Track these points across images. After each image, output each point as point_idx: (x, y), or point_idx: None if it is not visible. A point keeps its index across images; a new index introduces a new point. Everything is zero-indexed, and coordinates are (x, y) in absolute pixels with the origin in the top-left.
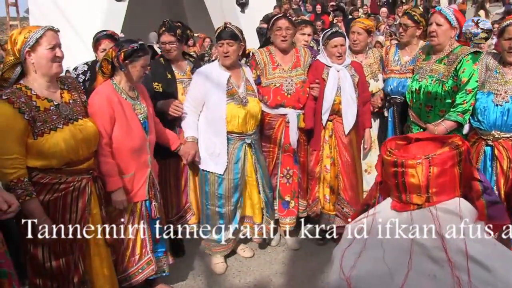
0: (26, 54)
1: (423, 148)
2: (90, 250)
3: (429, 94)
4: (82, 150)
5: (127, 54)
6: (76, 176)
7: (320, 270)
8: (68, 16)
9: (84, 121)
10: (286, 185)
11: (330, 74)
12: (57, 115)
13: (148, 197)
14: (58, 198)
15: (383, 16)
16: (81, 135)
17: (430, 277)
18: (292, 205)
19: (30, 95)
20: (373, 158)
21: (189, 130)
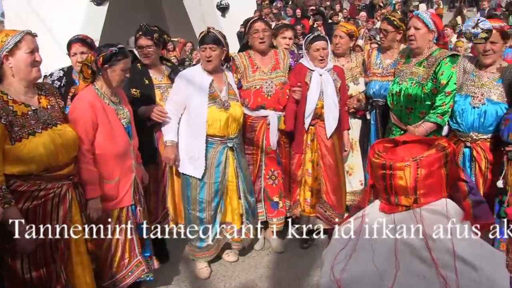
0: (4, 58)
1: (410, 151)
2: (72, 259)
3: (409, 97)
4: (61, 155)
5: (106, 58)
6: (56, 183)
7: (305, 273)
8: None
9: (63, 126)
10: (273, 186)
11: (313, 78)
12: (35, 120)
13: (133, 202)
14: (37, 205)
15: (362, 20)
16: (60, 140)
17: (419, 277)
18: (280, 205)
19: (6, 100)
20: (354, 160)
21: (169, 134)
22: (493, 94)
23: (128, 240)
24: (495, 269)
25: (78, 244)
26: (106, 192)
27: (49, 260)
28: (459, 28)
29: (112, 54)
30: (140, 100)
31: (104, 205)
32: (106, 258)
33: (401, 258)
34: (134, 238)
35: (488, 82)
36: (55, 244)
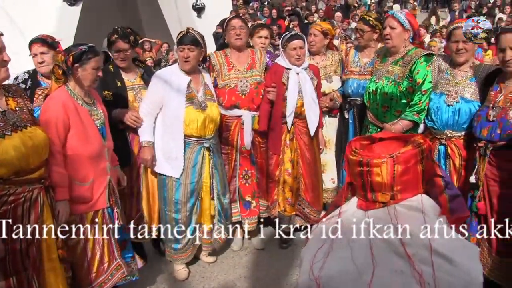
0: None
1: (387, 147)
2: (44, 266)
3: (386, 95)
4: (32, 158)
5: (76, 57)
6: (26, 186)
7: (284, 272)
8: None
9: (33, 129)
10: (246, 185)
11: (291, 77)
12: (4, 122)
13: (109, 204)
14: (7, 211)
15: (338, 20)
16: (31, 142)
17: (397, 272)
18: (253, 205)
19: None
20: (327, 158)
21: (145, 135)
22: (466, 92)
23: (106, 243)
24: (470, 262)
25: (50, 251)
26: (80, 195)
27: (19, 268)
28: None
29: (82, 53)
30: (112, 102)
31: (78, 208)
32: (82, 264)
33: (379, 254)
34: (112, 240)
35: (461, 81)
36: (26, 250)
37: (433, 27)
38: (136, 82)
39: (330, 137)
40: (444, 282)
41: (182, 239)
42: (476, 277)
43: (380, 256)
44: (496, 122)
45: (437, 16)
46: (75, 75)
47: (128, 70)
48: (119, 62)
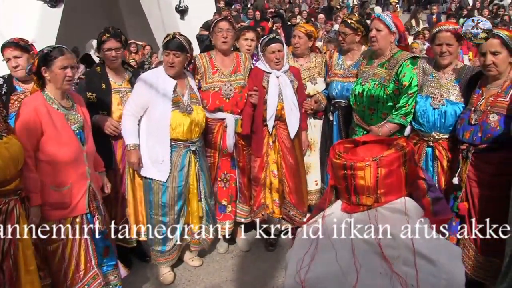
0: None
1: (370, 151)
2: (21, 279)
3: (372, 97)
4: (9, 170)
5: (40, 60)
6: (2, 199)
7: (270, 275)
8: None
9: (8, 139)
10: (223, 189)
11: (271, 81)
12: None
13: (89, 210)
14: None
15: (321, 22)
16: (8, 153)
17: (381, 274)
18: (229, 209)
19: None
20: (311, 160)
21: (130, 137)
22: (451, 95)
23: (83, 250)
24: (452, 262)
25: (28, 263)
26: (58, 200)
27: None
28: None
29: (45, 55)
30: (95, 104)
31: (56, 213)
32: (59, 270)
33: (363, 256)
34: (90, 248)
35: (446, 83)
36: (0, 264)
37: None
38: (123, 85)
39: (315, 139)
40: (427, 283)
41: (169, 241)
42: (459, 277)
43: (363, 258)
44: (477, 125)
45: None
46: (47, 78)
47: (117, 72)
48: (111, 62)
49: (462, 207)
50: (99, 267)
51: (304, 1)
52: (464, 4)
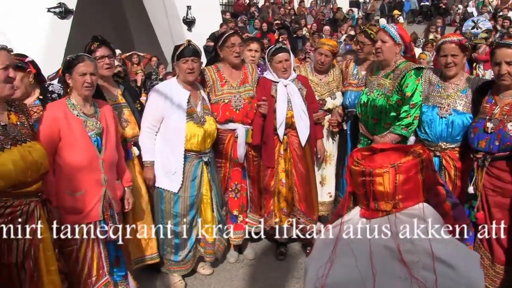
0: None
1: (388, 158)
2: (43, 279)
3: (375, 108)
4: (31, 172)
5: (64, 68)
6: (23, 199)
7: (281, 284)
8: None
9: (32, 144)
10: (234, 199)
11: (279, 89)
12: (4, 136)
13: (102, 218)
14: (3, 223)
15: (326, 34)
16: (30, 157)
17: (401, 279)
18: (240, 219)
19: None
20: (327, 171)
21: (147, 154)
22: (458, 105)
23: (96, 257)
24: (470, 268)
25: (49, 263)
26: (71, 205)
27: (15, 281)
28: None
29: (68, 62)
30: None
31: (70, 218)
32: (74, 273)
33: (381, 261)
34: (102, 255)
35: (453, 93)
36: (21, 263)
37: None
38: (117, 101)
39: (331, 151)
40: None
41: (181, 251)
42: (478, 282)
43: (382, 264)
44: (494, 134)
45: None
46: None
47: (109, 87)
48: (105, 71)
49: (480, 216)
50: (111, 275)
51: (309, 13)
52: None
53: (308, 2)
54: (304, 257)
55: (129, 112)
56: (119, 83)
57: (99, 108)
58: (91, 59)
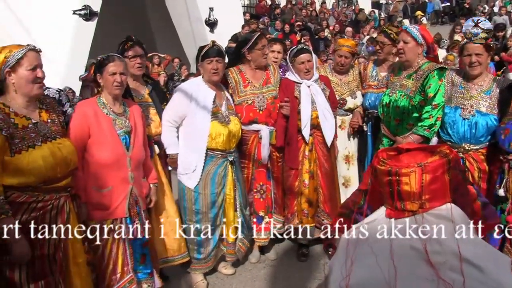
0: (6, 74)
1: (414, 158)
2: (70, 270)
3: (398, 108)
4: (60, 168)
5: (96, 68)
6: (54, 194)
7: (302, 285)
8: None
9: (62, 140)
10: (260, 200)
11: (302, 90)
12: (35, 133)
13: (128, 215)
14: (36, 217)
15: (348, 35)
16: (60, 153)
17: (428, 280)
18: (266, 220)
19: (8, 113)
20: (350, 172)
21: (172, 147)
22: (482, 106)
23: (121, 254)
24: (500, 271)
25: (76, 255)
26: (98, 201)
27: (47, 272)
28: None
29: (99, 62)
30: None
31: (97, 214)
32: (99, 268)
33: (409, 262)
34: (127, 252)
35: (476, 94)
36: (53, 255)
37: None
38: (143, 99)
39: (353, 152)
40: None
41: (204, 249)
42: (507, 286)
43: (408, 264)
44: None
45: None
46: (101, 84)
47: (137, 85)
48: (136, 70)
49: (511, 219)
50: (135, 273)
51: (331, 14)
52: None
53: (329, 3)
54: (326, 259)
55: (154, 111)
56: (148, 83)
57: (128, 107)
58: (121, 59)
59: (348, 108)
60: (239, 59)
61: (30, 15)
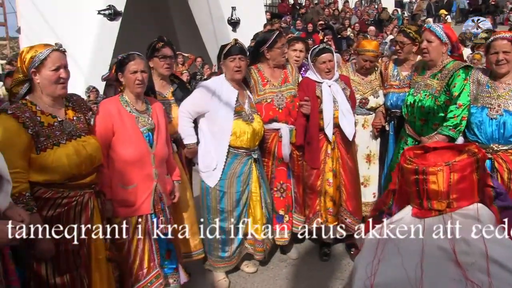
0: (32, 73)
1: (441, 156)
2: (91, 267)
3: (423, 108)
4: (85, 166)
5: (117, 67)
6: (78, 191)
7: (325, 284)
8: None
9: (87, 138)
10: (280, 199)
11: (324, 90)
12: (60, 131)
13: (153, 211)
14: (61, 213)
15: (371, 34)
16: (84, 151)
17: (455, 281)
18: (286, 219)
19: (35, 111)
20: (371, 172)
21: (189, 138)
22: (510, 105)
23: (147, 249)
24: None
25: (98, 252)
26: (123, 198)
27: (71, 266)
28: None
29: (120, 61)
30: None
31: (122, 211)
32: (126, 264)
33: (436, 262)
34: (153, 248)
35: (504, 93)
36: (77, 251)
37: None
38: (167, 97)
39: (375, 151)
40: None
41: (228, 247)
42: None
43: (435, 264)
44: None
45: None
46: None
47: (162, 84)
48: (165, 70)
49: None
50: (161, 267)
51: (354, 13)
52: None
53: (352, 2)
54: (348, 259)
55: (176, 109)
56: (174, 82)
57: (150, 105)
58: (141, 57)
59: (371, 107)
60: (257, 58)
61: (56, 15)
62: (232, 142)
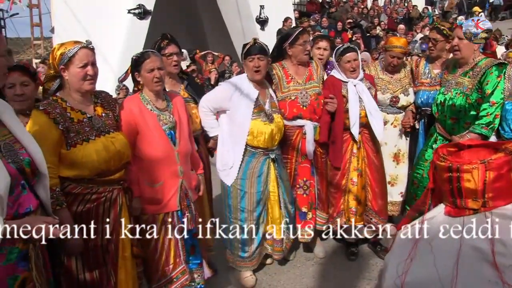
0: (61, 70)
1: (476, 154)
2: (118, 262)
3: (454, 107)
4: (113, 162)
5: (132, 67)
6: (107, 187)
7: (352, 283)
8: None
9: (115, 134)
10: (303, 196)
11: (349, 89)
12: (89, 127)
13: (180, 208)
14: (90, 209)
15: (401, 33)
16: (113, 147)
17: (491, 282)
18: (309, 216)
19: (65, 107)
20: (398, 171)
21: (213, 130)
22: None
23: (173, 245)
24: None
25: (124, 249)
26: (151, 195)
27: (100, 262)
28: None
29: (135, 61)
30: None
31: (150, 208)
32: (152, 260)
33: (470, 262)
34: (179, 244)
35: None
36: (106, 247)
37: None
38: (180, 95)
39: (405, 150)
40: None
41: (248, 247)
42: None
43: (468, 265)
44: None
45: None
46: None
47: (173, 82)
48: (173, 68)
49: None
50: (187, 263)
51: (383, 11)
52: None
53: (381, 0)
54: (376, 258)
55: (194, 105)
56: (183, 79)
57: (171, 101)
58: (155, 54)
59: (401, 105)
60: (281, 55)
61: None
62: (249, 141)
